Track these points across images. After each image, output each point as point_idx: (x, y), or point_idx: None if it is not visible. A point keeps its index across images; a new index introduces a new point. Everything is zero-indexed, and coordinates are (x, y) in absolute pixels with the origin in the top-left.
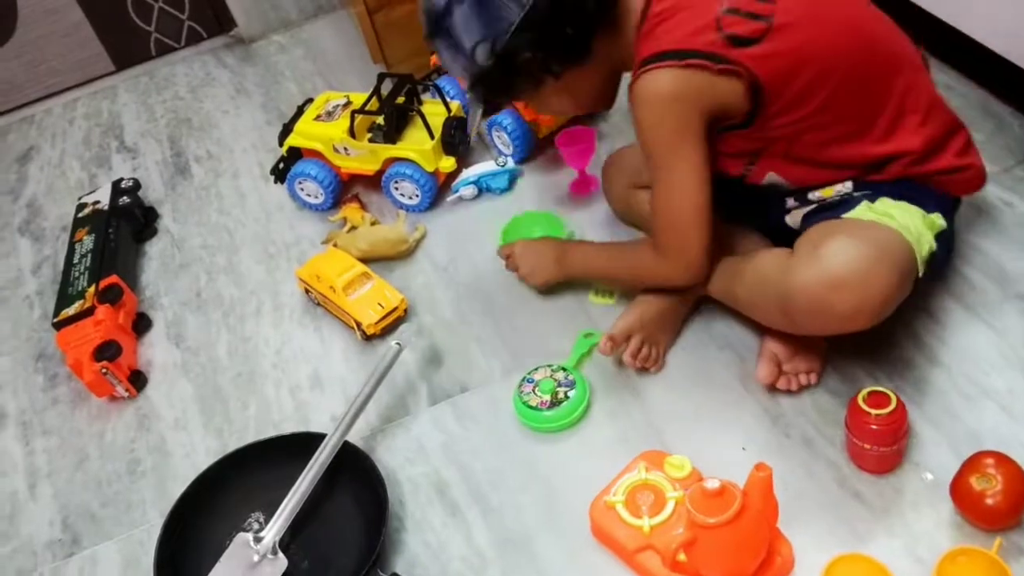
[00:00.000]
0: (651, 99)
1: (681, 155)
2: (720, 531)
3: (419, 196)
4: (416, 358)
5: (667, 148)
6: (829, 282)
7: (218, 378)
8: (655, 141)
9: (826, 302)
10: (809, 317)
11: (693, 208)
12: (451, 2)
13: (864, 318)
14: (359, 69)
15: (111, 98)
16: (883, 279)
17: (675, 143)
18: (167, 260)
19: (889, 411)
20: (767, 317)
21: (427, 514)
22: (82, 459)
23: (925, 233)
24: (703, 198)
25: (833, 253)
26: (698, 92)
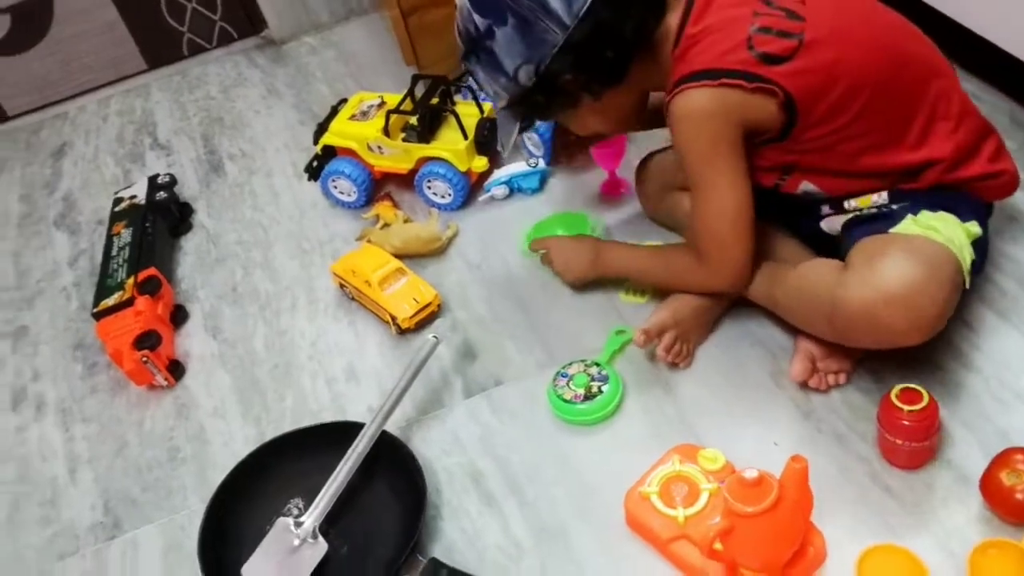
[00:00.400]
0: (687, 116)
1: (719, 169)
2: (757, 520)
3: (451, 195)
4: (450, 352)
5: (705, 163)
6: (884, 299)
7: (255, 369)
8: (693, 157)
9: (880, 318)
10: (860, 332)
11: (733, 221)
12: (492, 24)
13: (918, 334)
14: (390, 71)
15: (144, 96)
16: (937, 296)
17: (712, 158)
18: (203, 255)
19: (921, 407)
20: (811, 325)
21: (463, 502)
22: (122, 446)
23: (965, 243)
24: (744, 211)
25: (888, 270)
26: (733, 109)
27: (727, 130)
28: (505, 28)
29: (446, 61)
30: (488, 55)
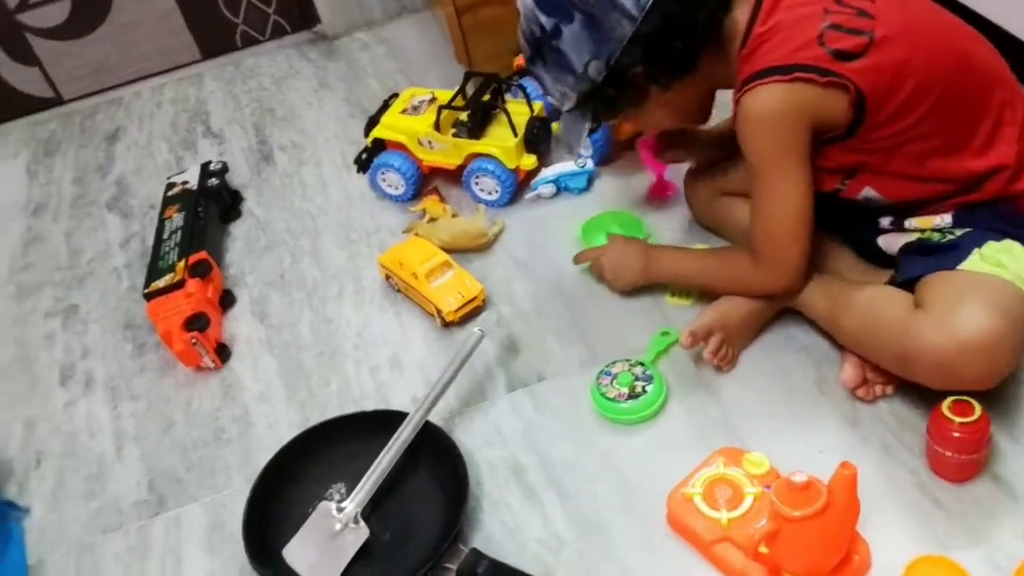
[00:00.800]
0: (758, 114)
1: (786, 168)
2: (804, 525)
3: (498, 192)
4: (494, 347)
5: (772, 162)
6: (960, 349)
7: (301, 355)
8: (761, 155)
9: (955, 367)
10: (932, 376)
11: (795, 222)
12: (559, 23)
13: (991, 381)
14: (441, 69)
15: (197, 85)
16: (1015, 344)
17: (780, 157)
18: (252, 241)
19: (973, 420)
20: (876, 358)
21: (504, 495)
22: (168, 424)
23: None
24: (806, 212)
25: (966, 318)
26: (804, 105)
27: (797, 129)
28: (572, 25)
29: (498, 59)
30: (555, 54)
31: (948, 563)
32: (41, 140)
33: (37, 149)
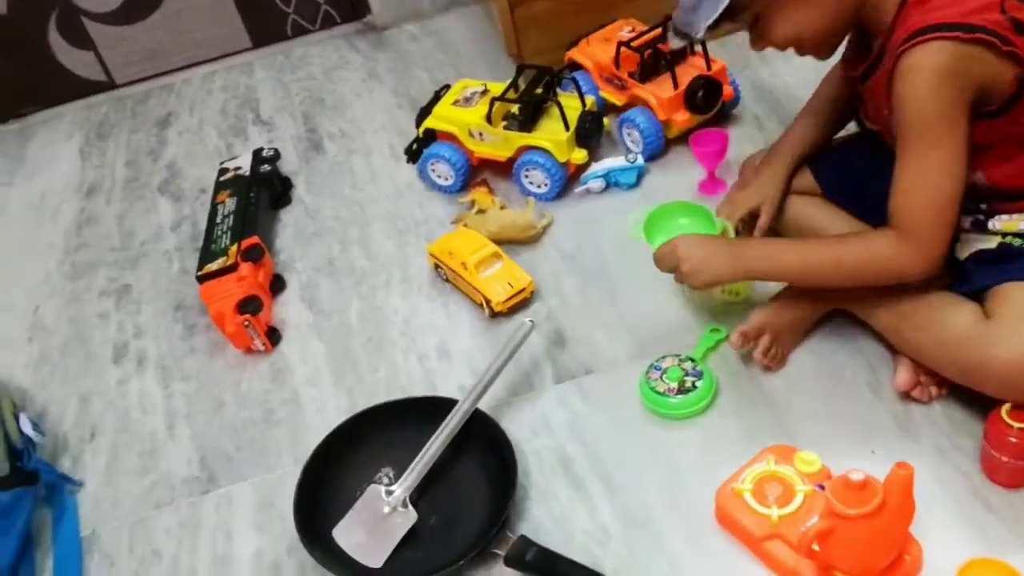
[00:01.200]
0: (928, 70)
1: (948, 134)
2: (859, 523)
3: (548, 185)
4: (542, 339)
5: (933, 126)
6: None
7: (349, 341)
8: (922, 116)
9: (1018, 382)
10: (1001, 389)
11: (952, 195)
12: None
13: None
14: (489, 62)
15: (248, 73)
16: None
17: (943, 121)
18: (301, 228)
19: None
20: (937, 366)
21: (552, 485)
22: (219, 404)
23: None
24: (960, 184)
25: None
26: (976, 70)
27: (964, 93)
28: None
29: (549, 54)
30: None
31: (1002, 566)
32: (94, 123)
33: (90, 132)
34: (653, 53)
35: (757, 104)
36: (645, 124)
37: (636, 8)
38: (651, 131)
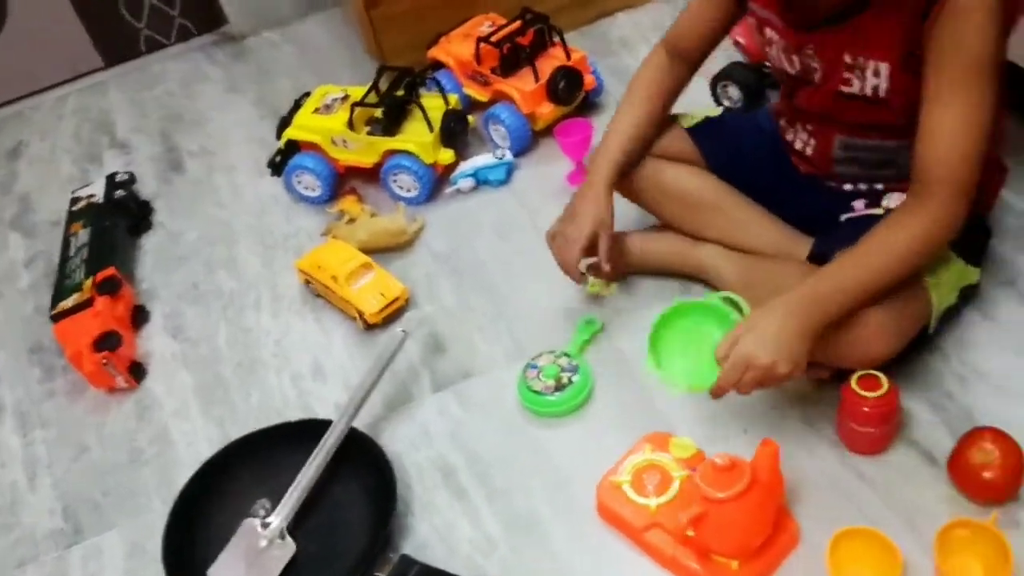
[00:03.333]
0: (990, 5)
1: (992, 77)
2: (729, 505)
3: (417, 188)
4: (418, 346)
5: (982, 66)
6: (846, 339)
7: (219, 368)
8: (974, 54)
9: (841, 353)
10: (826, 358)
11: (984, 141)
12: None
13: (866, 366)
14: (353, 65)
15: (101, 94)
16: (894, 340)
17: (990, 62)
18: (163, 253)
19: (881, 394)
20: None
21: (434, 498)
22: (82, 450)
23: (950, 294)
24: (991, 132)
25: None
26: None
27: (1006, 34)
28: None
29: (410, 53)
30: None
31: (872, 534)
32: None
33: None
34: (512, 47)
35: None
36: (510, 119)
37: (496, 3)
38: (517, 126)
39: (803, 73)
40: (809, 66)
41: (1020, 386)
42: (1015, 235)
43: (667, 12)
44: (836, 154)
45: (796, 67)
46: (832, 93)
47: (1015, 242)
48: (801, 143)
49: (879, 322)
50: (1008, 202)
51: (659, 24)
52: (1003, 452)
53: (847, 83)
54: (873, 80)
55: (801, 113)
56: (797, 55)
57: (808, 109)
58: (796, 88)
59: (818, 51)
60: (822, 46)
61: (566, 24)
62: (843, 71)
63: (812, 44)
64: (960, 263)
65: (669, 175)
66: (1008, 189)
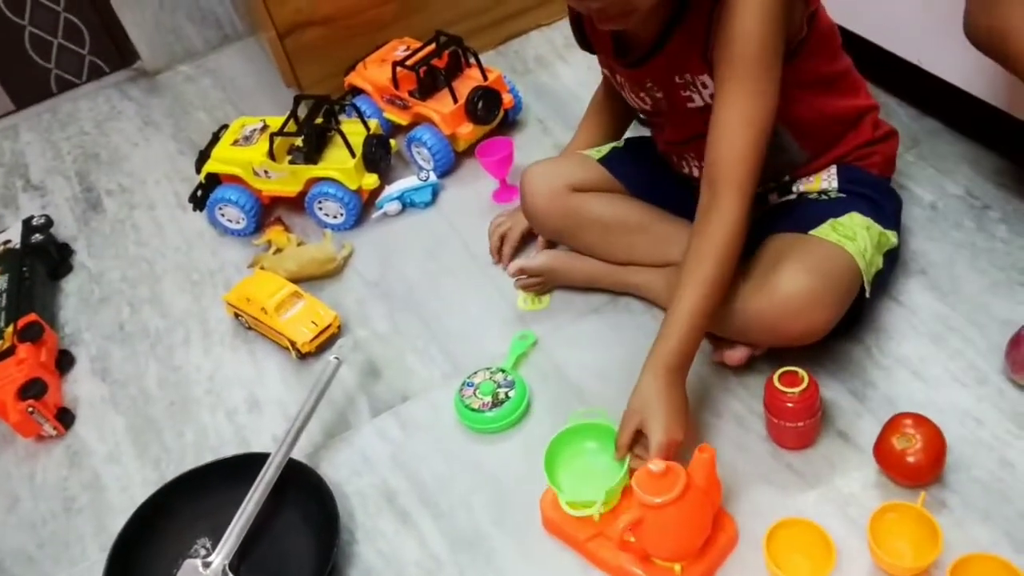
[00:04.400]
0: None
1: (773, 68)
2: (666, 510)
3: (343, 214)
4: (354, 372)
5: (761, 57)
6: (780, 310)
7: (150, 409)
8: (753, 45)
9: (778, 327)
10: (762, 337)
11: (768, 136)
12: None
13: (813, 338)
14: (271, 95)
15: (12, 137)
16: (830, 306)
17: (769, 53)
18: (86, 295)
19: (802, 389)
20: (722, 330)
21: (378, 524)
22: (13, 502)
23: (876, 256)
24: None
25: (784, 283)
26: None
27: (786, 26)
28: None
29: (327, 81)
30: None
31: (806, 524)
32: None
33: None
34: (429, 70)
35: (540, 108)
36: (432, 141)
37: (408, 27)
38: (439, 147)
39: (655, 106)
40: (656, 98)
41: (936, 371)
42: (923, 227)
43: None
44: None
45: (648, 103)
46: (683, 113)
47: (924, 233)
48: (696, 169)
49: (818, 293)
50: (916, 194)
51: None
52: (925, 436)
53: (690, 100)
54: (706, 91)
55: (675, 144)
56: (643, 91)
57: (678, 139)
58: (660, 124)
59: (655, 81)
60: (655, 76)
61: (480, 45)
62: (680, 91)
63: (649, 77)
64: (877, 227)
65: (589, 205)
66: (915, 183)
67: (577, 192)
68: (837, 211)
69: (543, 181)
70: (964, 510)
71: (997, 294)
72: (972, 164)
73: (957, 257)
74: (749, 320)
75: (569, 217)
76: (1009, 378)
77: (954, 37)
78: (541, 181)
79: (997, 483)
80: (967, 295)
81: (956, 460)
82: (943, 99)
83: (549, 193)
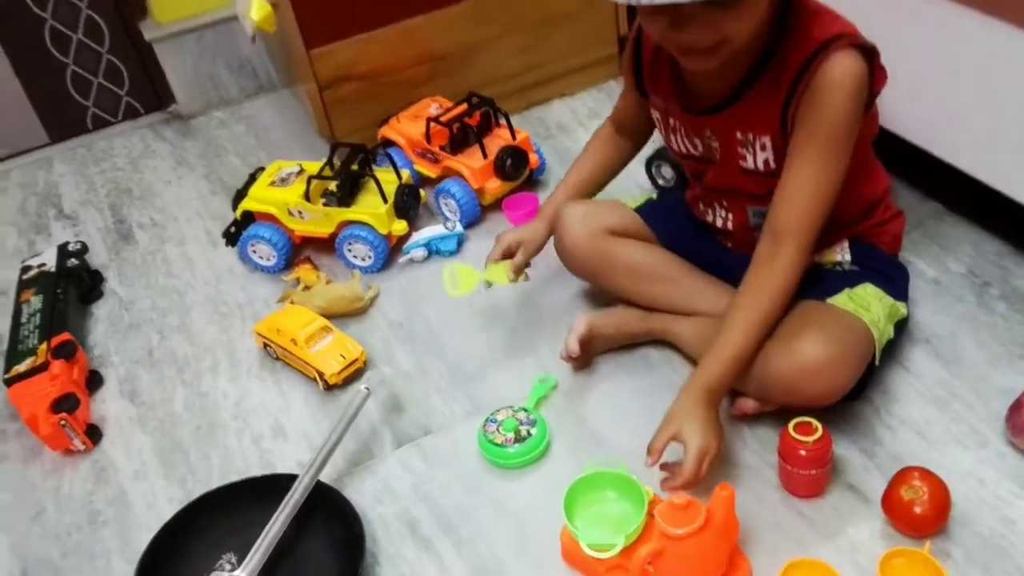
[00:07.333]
0: (851, 77)
1: (845, 149)
2: (686, 542)
3: (372, 257)
4: (378, 406)
5: (838, 137)
6: (801, 372)
7: (176, 431)
8: (835, 126)
9: (797, 388)
10: (782, 396)
11: (827, 210)
12: None
13: (829, 399)
14: (301, 144)
15: (46, 168)
16: (847, 371)
17: (846, 134)
18: (116, 321)
19: (816, 438)
20: (743, 385)
21: (400, 549)
22: (38, 512)
23: (888, 326)
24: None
25: (807, 347)
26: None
27: (867, 108)
28: None
29: (359, 133)
30: None
31: (817, 564)
32: None
33: None
34: (462, 127)
35: (561, 170)
36: (460, 193)
37: (438, 88)
38: (466, 199)
39: (706, 153)
40: (710, 146)
41: (940, 433)
42: (928, 299)
43: (600, 99)
44: (753, 221)
45: (699, 149)
46: (733, 169)
47: (928, 305)
48: (721, 220)
49: (835, 359)
50: (921, 269)
51: (594, 111)
52: (930, 488)
53: (743, 158)
54: (762, 154)
55: (713, 191)
56: (699, 138)
57: (717, 186)
58: (703, 169)
59: (716, 132)
60: (718, 127)
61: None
62: (738, 147)
63: (709, 126)
64: (889, 299)
65: (626, 251)
66: (920, 259)
67: (613, 236)
68: (852, 282)
69: (582, 222)
70: (966, 562)
71: (997, 366)
72: (973, 245)
73: (959, 330)
74: (770, 378)
75: (603, 260)
76: (1009, 441)
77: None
78: (580, 222)
79: (998, 539)
80: (969, 365)
81: (959, 516)
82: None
83: (587, 234)
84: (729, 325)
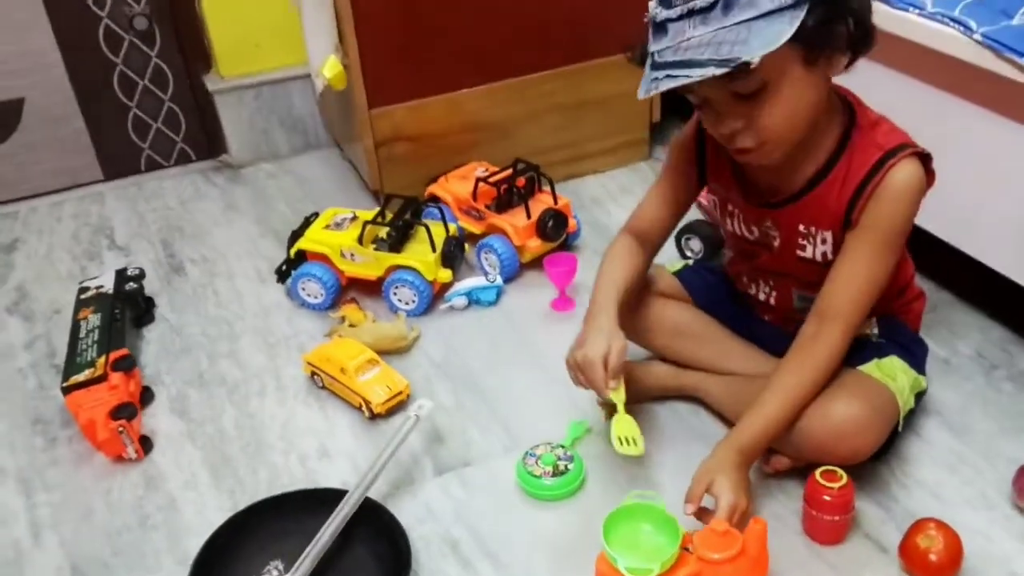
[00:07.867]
0: (912, 188)
1: (898, 249)
2: (723, 567)
3: (416, 301)
4: (419, 437)
5: (900, 235)
6: (833, 434)
7: (225, 447)
8: (893, 228)
9: (829, 447)
10: (814, 454)
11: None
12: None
13: (857, 459)
14: (347, 197)
15: (99, 203)
16: (875, 434)
17: (901, 234)
18: (167, 344)
19: (840, 485)
20: (777, 443)
21: (441, 566)
22: (88, 512)
23: (910, 397)
24: None
25: (840, 409)
26: None
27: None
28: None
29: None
30: None
31: None
32: None
33: None
34: (508, 188)
35: (592, 238)
36: (502, 249)
37: (483, 154)
38: (507, 255)
39: (762, 239)
40: (767, 234)
41: (951, 494)
42: (939, 376)
43: (632, 177)
44: (797, 304)
45: (755, 234)
46: (791, 257)
47: (940, 381)
48: (764, 295)
49: (865, 422)
50: (933, 350)
51: (625, 188)
52: (945, 538)
53: (802, 248)
54: (822, 247)
55: (762, 271)
56: (756, 226)
57: (770, 269)
58: (756, 251)
59: (776, 223)
60: (780, 219)
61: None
62: (799, 238)
63: (771, 218)
64: (912, 372)
65: (665, 310)
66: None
67: (655, 296)
68: (880, 353)
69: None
70: None
71: (1004, 437)
72: (981, 331)
73: (969, 405)
74: (804, 437)
75: (648, 319)
76: (1016, 504)
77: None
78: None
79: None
80: (977, 435)
81: (969, 568)
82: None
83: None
84: (768, 395)
